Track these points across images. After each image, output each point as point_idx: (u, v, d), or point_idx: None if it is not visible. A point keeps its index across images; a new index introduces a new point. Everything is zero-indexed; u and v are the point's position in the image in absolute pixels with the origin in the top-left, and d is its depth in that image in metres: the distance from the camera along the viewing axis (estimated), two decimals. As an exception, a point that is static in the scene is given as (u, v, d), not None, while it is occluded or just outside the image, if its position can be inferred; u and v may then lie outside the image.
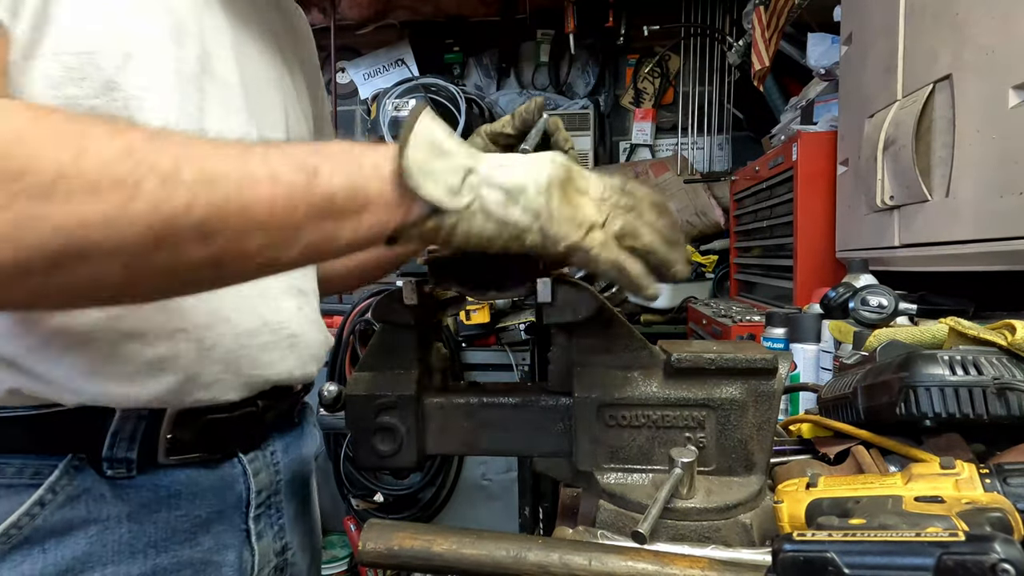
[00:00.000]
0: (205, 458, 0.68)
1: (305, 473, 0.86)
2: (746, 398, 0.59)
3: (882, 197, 1.23)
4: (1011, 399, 0.56)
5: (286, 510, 0.79)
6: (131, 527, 0.63)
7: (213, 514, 0.69)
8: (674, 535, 0.55)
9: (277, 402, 0.76)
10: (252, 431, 0.74)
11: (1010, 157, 0.89)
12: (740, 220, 2.32)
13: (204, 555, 0.68)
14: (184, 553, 0.66)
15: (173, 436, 0.65)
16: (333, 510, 2.81)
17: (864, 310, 0.99)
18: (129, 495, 0.63)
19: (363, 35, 3.43)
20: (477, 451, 0.66)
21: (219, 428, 0.68)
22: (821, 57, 1.82)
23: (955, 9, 1.02)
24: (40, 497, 0.59)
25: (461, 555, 0.50)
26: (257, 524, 0.73)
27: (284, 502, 0.78)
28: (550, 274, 0.59)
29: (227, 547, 0.70)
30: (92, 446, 0.62)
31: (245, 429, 0.72)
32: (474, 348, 2.62)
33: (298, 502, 0.82)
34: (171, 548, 0.65)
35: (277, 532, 0.77)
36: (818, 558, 0.37)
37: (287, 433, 0.81)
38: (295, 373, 0.75)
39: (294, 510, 0.81)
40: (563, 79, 3.40)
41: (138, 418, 0.63)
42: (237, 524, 0.71)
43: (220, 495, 0.70)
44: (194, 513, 0.67)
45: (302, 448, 0.85)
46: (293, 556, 0.80)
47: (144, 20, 0.62)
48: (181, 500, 0.67)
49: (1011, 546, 0.34)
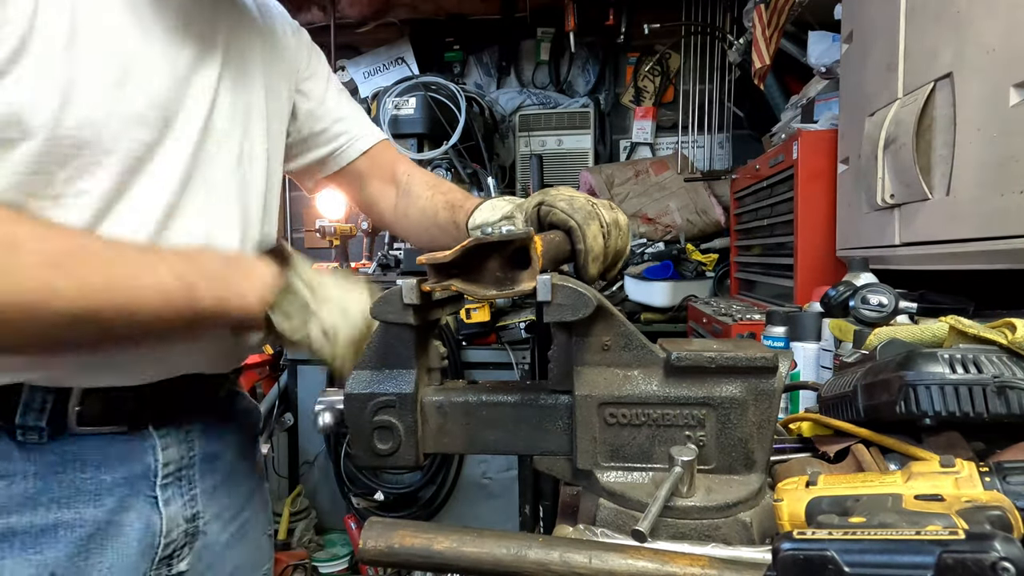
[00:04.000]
0: (115, 430, 0.76)
1: (226, 455, 0.91)
2: (746, 396, 0.59)
3: (883, 195, 1.23)
4: (1011, 397, 0.56)
5: (199, 483, 0.85)
6: (36, 483, 0.71)
7: (119, 479, 0.76)
8: (674, 533, 0.55)
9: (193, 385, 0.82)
10: (164, 408, 0.80)
11: (1011, 155, 0.89)
12: (740, 218, 2.32)
13: (107, 515, 0.75)
14: (87, 511, 0.74)
15: (81, 410, 0.73)
16: (334, 508, 2.82)
17: (864, 309, 0.99)
18: (36, 456, 0.71)
19: (363, 33, 3.43)
20: (477, 450, 0.66)
21: (127, 404, 0.76)
22: (822, 55, 1.82)
23: (956, 7, 1.02)
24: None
25: (461, 553, 0.50)
26: (164, 492, 0.81)
27: (198, 476, 0.85)
28: (547, 271, 0.59)
29: (130, 509, 0.77)
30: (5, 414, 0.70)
31: (156, 406, 0.79)
32: (474, 347, 2.62)
33: (219, 477, 0.89)
34: (73, 505, 0.73)
35: (188, 501, 0.84)
36: (818, 556, 0.37)
37: (208, 414, 0.88)
38: (204, 371, 0.83)
39: (211, 484, 0.87)
40: (563, 77, 3.40)
41: (45, 391, 0.70)
42: (143, 490, 0.79)
43: (127, 463, 0.77)
44: (99, 477, 0.75)
45: (226, 430, 0.91)
46: (206, 525, 0.86)
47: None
48: (87, 464, 0.74)
49: (1011, 544, 0.34)
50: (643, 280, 2.61)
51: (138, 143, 0.72)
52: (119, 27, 0.70)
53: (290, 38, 0.99)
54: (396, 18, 3.34)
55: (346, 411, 0.66)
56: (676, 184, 2.93)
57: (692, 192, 2.88)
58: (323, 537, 2.79)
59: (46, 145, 0.64)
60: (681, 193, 2.89)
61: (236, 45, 0.86)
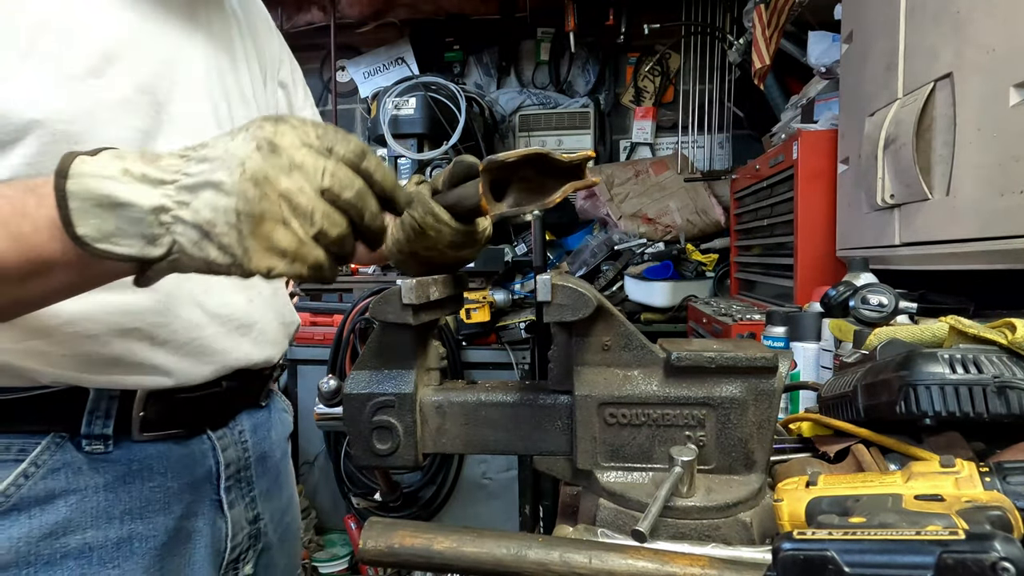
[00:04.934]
0: (176, 434, 0.75)
1: (274, 455, 0.92)
2: (746, 397, 0.59)
3: (882, 196, 1.23)
4: (1011, 397, 0.56)
5: (257, 484, 0.86)
6: (107, 496, 0.71)
7: (184, 485, 0.76)
8: (674, 533, 0.55)
9: (242, 383, 0.82)
10: (219, 410, 0.81)
11: (1011, 155, 0.89)
12: (740, 219, 2.32)
13: (177, 522, 0.75)
14: (158, 520, 0.73)
15: (145, 415, 0.72)
16: (334, 508, 2.82)
17: (864, 309, 0.99)
18: (104, 468, 0.70)
19: (363, 33, 3.43)
20: (476, 450, 0.66)
21: (187, 407, 0.76)
22: (822, 55, 1.82)
23: (956, 7, 1.02)
24: (24, 470, 0.66)
25: (461, 553, 0.50)
26: (228, 495, 0.81)
27: (254, 477, 0.85)
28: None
29: (199, 515, 0.77)
30: (71, 425, 0.69)
31: (212, 408, 0.79)
32: (474, 347, 2.62)
33: (269, 480, 0.89)
34: (146, 515, 0.73)
35: (249, 503, 0.84)
36: (818, 556, 0.37)
37: (254, 414, 0.88)
38: (253, 357, 0.82)
39: (265, 486, 0.87)
40: (563, 77, 3.40)
41: (110, 398, 0.70)
42: (208, 494, 0.79)
43: (190, 468, 0.77)
44: (166, 484, 0.74)
45: (271, 430, 0.91)
46: (265, 527, 0.87)
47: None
48: (154, 472, 0.74)
49: (1011, 544, 0.34)
50: (643, 280, 2.61)
51: (132, 130, 0.69)
52: (95, 11, 0.68)
53: (271, 33, 0.98)
54: (396, 18, 3.34)
55: (345, 411, 0.65)
56: (676, 184, 2.92)
57: (692, 192, 2.88)
58: (323, 537, 2.79)
59: (39, 142, 0.63)
60: (681, 193, 2.89)
61: (222, 33, 0.84)
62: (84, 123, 0.65)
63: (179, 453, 0.76)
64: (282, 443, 0.95)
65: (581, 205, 3.04)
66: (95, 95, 0.66)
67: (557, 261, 3.01)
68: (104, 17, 0.69)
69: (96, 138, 0.66)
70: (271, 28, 0.98)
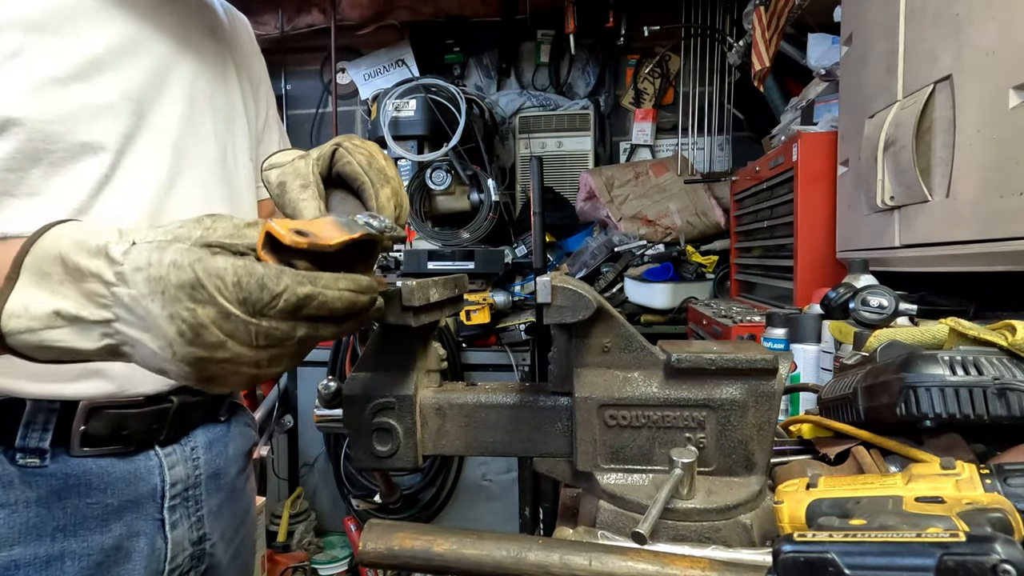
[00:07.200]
0: (119, 450, 0.72)
1: (229, 471, 0.88)
2: (746, 398, 0.59)
3: (882, 197, 1.23)
4: (1011, 399, 0.56)
5: (206, 503, 0.82)
6: (39, 511, 0.67)
7: (126, 502, 0.73)
8: (674, 535, 0.55)
9: (199, 397, 0.79)
10: (169, 426, 0.77)
11: (1010, 157, 0.89)
12: (740, 220, 2.32)
13: (115, 541, 0.72)
14: (94, 539, 0.70)
15: (86, 429, 0.69)
16: (333, 510, 2.82)
17: (864, 310, 0.99)
18: (38, 482, 0.68)
19: (363, 35, 3.43)
20: (476, 452, 0.66)
21: (132, 422, 0.72)
22: (821, 57, 1.82)
23: (955, 9, 1.02)
24: None
25: (461, 555, 0.50)
26: (172, 514, 0.77)
27: (204, 495, 0.82)
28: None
29: (138, 534, 0.74)
30: (5, 437, 0.66)
31: (160, 423, 0.76)
32: (474, 348, 2.62)
33: (222, 497, 0.85)
34: (80, 533, 0.70)
35: (194, 523, 0.81)
36: (818, 559, 0.37)
37: (211, 429, 0.84)
38: None
39: (216, 503, 0.84)
40: (563, 79, 3.40)
41: (49, 411, 0.67)
42: (151, 513, 0.75)
43: (133, 485, 0.74)
44: (105, 501, 0.71)
45: (228, 445, 0.87)
46: (212, 547, 0.83)
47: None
48: (92, 488, 0.71)
49: (1012, 547, 0.34)
50: (643, 282, 2.61)
51: (113, 134, 0.70)
52: (90, 20, 0.69)
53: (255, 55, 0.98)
54: (396, 20, 3.34)
55: (345, 413, 0.65)
56: (676, 186, 2.93)
57: (692, 194, 2.88)
58: (323, 539, 2.79)
59: (16, 141, 0.63)
60: (681, 195, 2.89)
61: (214, 50, 0.85)
62: (66, 124, 0.66)
63: (122, 469, 0.73)
64: (240, 458, 0.91)
65: (581, 207, 3.04)
66: (79, 99, 0.67)
67: (557, 263, 3.01)
68: (98, 26, 0.70)
69: (76, 139, 0.67)
70: (256, 50, 1.00)
